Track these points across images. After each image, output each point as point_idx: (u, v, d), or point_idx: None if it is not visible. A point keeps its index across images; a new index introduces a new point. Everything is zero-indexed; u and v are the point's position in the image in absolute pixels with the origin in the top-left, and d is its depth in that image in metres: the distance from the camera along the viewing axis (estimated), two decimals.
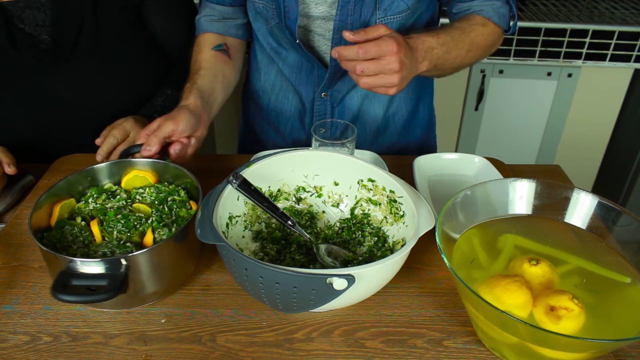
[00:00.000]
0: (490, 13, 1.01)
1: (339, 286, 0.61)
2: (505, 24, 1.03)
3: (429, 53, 0.90)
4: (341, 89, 1.08)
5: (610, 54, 1.91)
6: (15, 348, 0.68)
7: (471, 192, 0.73)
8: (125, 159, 0.86)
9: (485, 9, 1.01)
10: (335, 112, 1.11)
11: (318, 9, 0.99)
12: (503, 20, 1.03)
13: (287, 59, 1.08)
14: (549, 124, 2.10)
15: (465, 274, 0.67)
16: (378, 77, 0.82)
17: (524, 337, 0.59)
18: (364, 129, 1.14)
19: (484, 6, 1.02)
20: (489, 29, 1.01)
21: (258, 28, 1.09)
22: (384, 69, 0.81)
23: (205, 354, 0.68)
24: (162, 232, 0.76)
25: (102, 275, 0.66)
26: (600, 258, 0.69)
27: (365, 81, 0.83)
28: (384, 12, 0.98)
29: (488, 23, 1.01)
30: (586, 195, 0.73)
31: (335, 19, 0.98)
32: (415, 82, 1.12)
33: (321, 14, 1.00)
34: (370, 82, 0.83)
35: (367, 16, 0.98)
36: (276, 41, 1.07)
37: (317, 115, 1.11)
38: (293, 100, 1.13)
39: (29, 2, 1.00)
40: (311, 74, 1.07)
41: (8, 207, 0.95)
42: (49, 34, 1.02)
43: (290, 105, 1.14)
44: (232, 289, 0.77)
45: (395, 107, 1.13)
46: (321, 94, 1.09)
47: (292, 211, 0.85)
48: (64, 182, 0.79)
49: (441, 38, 0.93)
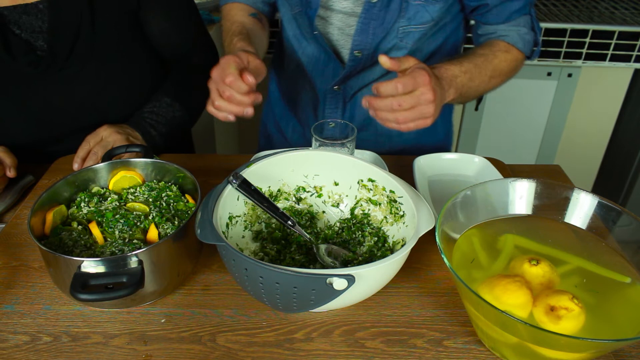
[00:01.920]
0: (515, 39, 1.00)
1: (339, 286, 0.61)
2: (528, 50, 1.03)
3: (453, 81, 0.90)
4: (354, 85, 1.09)
5: (610, 54, 1.91)
6: (15, 348, 0.68)
7: (471, 192, 0.73)
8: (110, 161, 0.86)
9: (511, 35, 1.01)
10: (347, 107, 1.12)
11: (342, 4, 1.00)
12: (527, 46, 1.02)
13: (306, 48, 1.09)
14: (549, 124, 2.10)
15: (465, 274, 0.67)
16: (415, 109, 0.80)
17: (524, 337, 0.59)
18: (376, 129, 1.14)
19: (509, 31, 1.01)
20: (511, 55, 1.01)
21: (284, 13, 1.11)
22: (420, 100, 0.79)
23: (205, 354, 0.68)
24: (166, 226, 0.77)
25: (120, 272, 0.67)
26: (600, 258, 0.69)
27: (404, 116, 0.80)
28: (408, 21, 0.98)
29: (512, 49, 1.01)
30: (586, 195, 0.73)
31: (359, 21, 0.98)
32: None
33: (344, 9, 1.00)
34: (409, 116, 0.80)
35: (390, 23, 0.98)
36: (299, 29, 1.08)
37: (329, 108, 1.12)
38: (308, 90, 1.14)
39: (26, 8, 0.99)
40: (327, 66, 1.08)
41: (8, 207, 0.95)
42: (46, 40, 1.01)
43: (306, 95, 1.15)
44: (232, 289, 0.77)
45: None
46: (333, 87, 1.09)
47: (292, 211, 0.85)
48: (52, 191, 0.79)
49: (464, 66, 0.93)
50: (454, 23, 1.06)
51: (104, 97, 1.10)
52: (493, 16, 1.01)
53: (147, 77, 1.17)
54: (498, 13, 1.00)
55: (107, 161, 0.86)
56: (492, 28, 1.03)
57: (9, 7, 0.98)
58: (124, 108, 1.12)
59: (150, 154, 0.89)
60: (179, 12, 1.16)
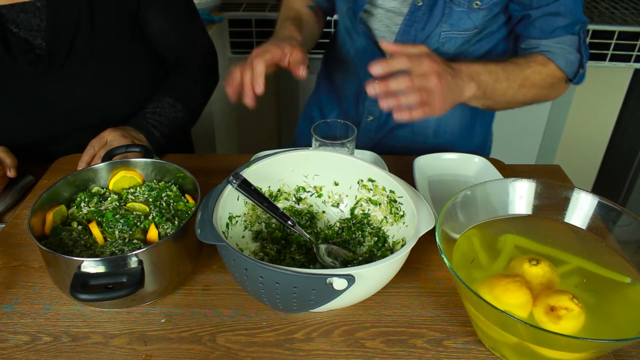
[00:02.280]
0: (557, 55, 0.98)
1: (339, 286, 0.61)
2: (570, 70, 0.99)
3: (475, 77, 0.88)
4: None
5: (610, 54, 1.91)
6: (15, 348, 0.68)
7: (471, 192, 0.73)
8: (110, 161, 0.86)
9: (553, 51, 0.98)
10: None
11: (390, 3, 1.01)
12: (569, 66, 0.99)
13: (356, 42, 1.10)
14: (549, 124, 2.10)
15: (465, 274, 0.67)
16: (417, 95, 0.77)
17: (523, 337, 0.59)
18: (412, 129, 1.14)
19: (553, 48, 0.98)
20: (548, 70, 0.98)
21: (339, 8, 1.12)
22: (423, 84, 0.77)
23: (205, 354, 0.68)
24: (166, 226, 0.77)
25: (120, 272, 0.67)
26: (600, 258, 0.69)
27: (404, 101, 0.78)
28: (450, 27, 0.98)
29: (549, 64, 0.97)
30: (586, 195, 0.73)
31: (403, 22, 0.99)
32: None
33: (392, 8, 1.01)
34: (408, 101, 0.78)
35: (432, 27, 0.98)
36: (351, 23, 1.09)
37: (369, 100, 1.12)
38: (354, 81, 1.15)
39: (24, 6, 0.99)
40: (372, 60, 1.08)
41: (8, 207, 0.95)
42: (44, 39, 1.01)
43: (351, 85, 1.16)
44: (232, 289, 0.77)
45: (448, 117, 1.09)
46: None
47: (292, 211, 0.85)
48: (51, 191, 0.79)
49: (490, 67, 0.91)
50: (500, 33, 1.04)
51: (104, 96, 1.10)
52: (536, 30, 0.98)
53: (147, 76, 1.17)
54: (541, 27, 0.98)
55: (107, 161, 0.86)
56: (535, 42, 1.00)
57: (6, 6, 0.98)
58: (123, 108, 1.12)
59: (151, 154, 0.89)
60: (178, 12, 1.16)
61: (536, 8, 0.96)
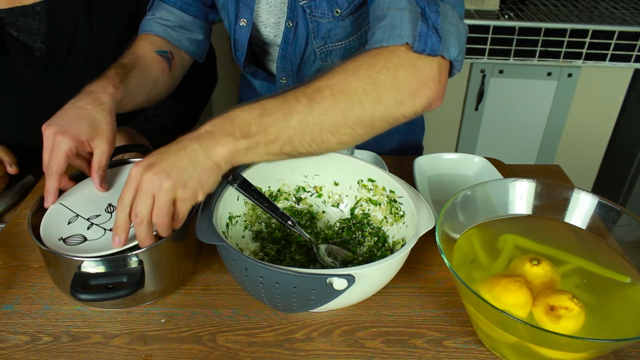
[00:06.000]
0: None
1: (339, 286, 0.61)
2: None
3: (219, 127, 0.73)
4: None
5: (610, 54, 1.91)
6: (15, 348, 0.68)
7: (471, 192, 0.73)
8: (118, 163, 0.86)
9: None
10: None
11: (266, 32, 0.99)
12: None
13: (257, 78, 1.09)
14: (549, 124, 2.10)
15: (465, 274, 0.67)
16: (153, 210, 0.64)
17: (523, 337, 0.59)
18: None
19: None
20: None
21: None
22: (139, 200, 0.64)
23: (205, 354, 0.68)
24: None
25: (120, 272, 0.67)
26: (600, 258, 0.69)
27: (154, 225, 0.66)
28: (323, 40, 0.93)
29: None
30: (586, 195, 0.73)
31: (279, 47, 0.97)
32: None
33: (267, 37, 1.00)
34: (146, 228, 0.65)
35: (302, 45, 0.95)
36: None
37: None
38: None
39: (23, 10, 0.99)
40: (277, 87, 1.07)
41: (8, 207, 0.95)
42: (44, 42, 1.01)
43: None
44: (232, 289, 0.77)
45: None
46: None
47: (292, 211, 0.85)
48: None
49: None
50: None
51: None
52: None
53: None
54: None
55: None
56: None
57: (5, 10, 0.98)
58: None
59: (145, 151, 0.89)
60: None
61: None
